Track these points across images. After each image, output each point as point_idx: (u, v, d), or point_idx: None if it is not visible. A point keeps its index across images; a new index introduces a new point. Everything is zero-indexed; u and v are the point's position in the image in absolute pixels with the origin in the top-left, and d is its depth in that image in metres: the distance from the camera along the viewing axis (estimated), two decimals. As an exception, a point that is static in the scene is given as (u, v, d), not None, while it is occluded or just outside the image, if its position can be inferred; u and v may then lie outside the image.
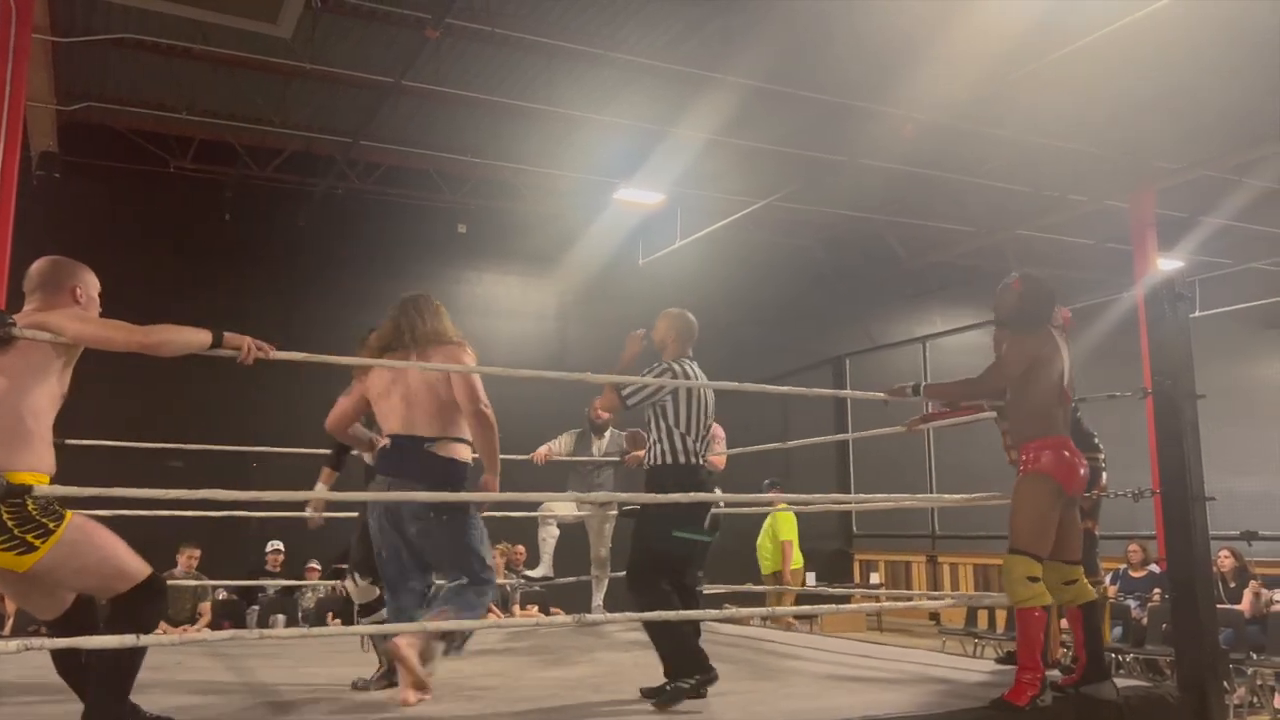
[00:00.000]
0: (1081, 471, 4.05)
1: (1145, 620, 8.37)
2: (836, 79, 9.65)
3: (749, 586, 9.80)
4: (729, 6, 8.52)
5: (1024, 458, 4.06)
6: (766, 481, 9.41)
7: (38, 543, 2.88)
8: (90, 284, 3.29)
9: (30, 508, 2.89)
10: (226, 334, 3.18)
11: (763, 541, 10.13)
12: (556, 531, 7.29)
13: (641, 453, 5.40)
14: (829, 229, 14.44)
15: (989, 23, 8.22)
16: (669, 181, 11.96)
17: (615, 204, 12.55)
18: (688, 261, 13.21)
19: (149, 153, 11.15)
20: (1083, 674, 4.10)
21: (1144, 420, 6.45)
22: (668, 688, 3.86)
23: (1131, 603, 8.68)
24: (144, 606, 3.02)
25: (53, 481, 3.00)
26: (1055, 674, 4.24)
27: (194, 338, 3.12)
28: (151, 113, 10.52)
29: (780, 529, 9.91)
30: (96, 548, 2.99)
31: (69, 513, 2.98)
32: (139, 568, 3.04)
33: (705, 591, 5.88)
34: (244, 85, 10.00)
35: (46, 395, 3.02)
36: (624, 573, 4.28)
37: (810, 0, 8.37)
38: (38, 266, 3.23)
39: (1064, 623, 4.24)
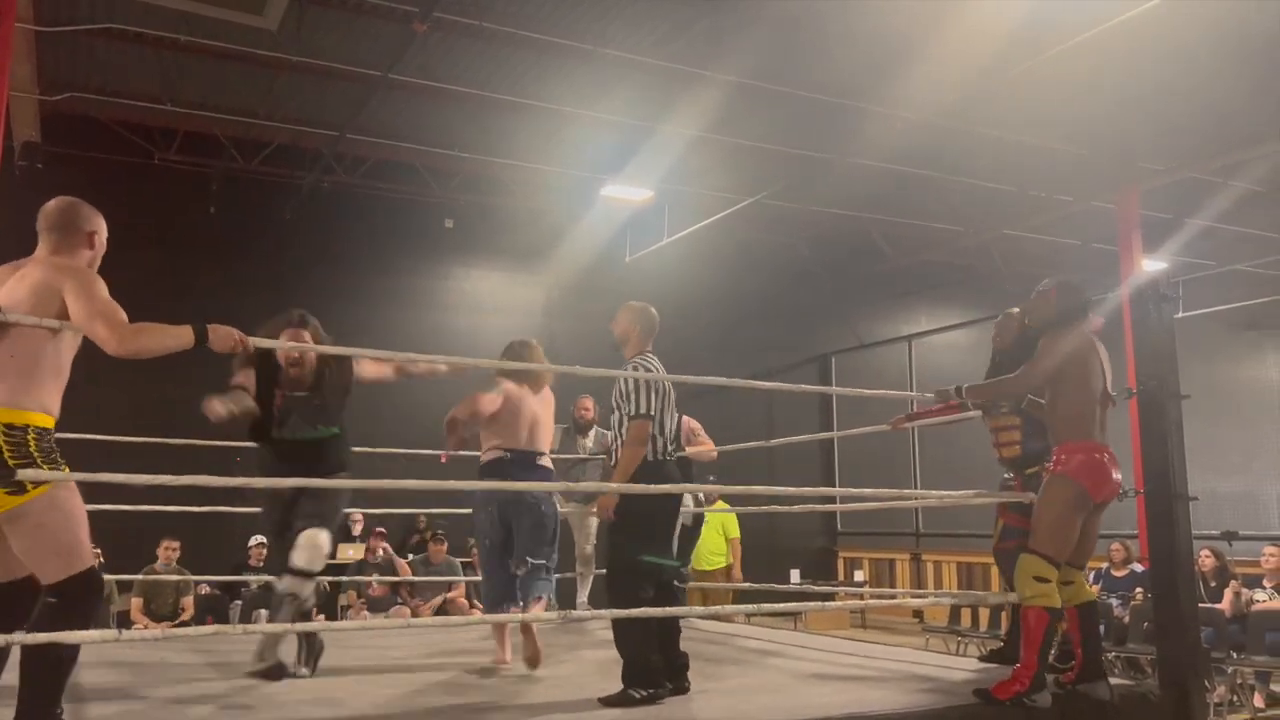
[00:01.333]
0: (1115, 476, 4.02)
1: (1127, 619, 8.41)
2: (824, 78, 9.65)
3: (733, 585, 9.82)
4: (717, 5, 8.50)
5: (1056, 459, 4.05)
6: (711, 478, 9.32)
7: (29, 485, 2.83)
8: (104, 230, 3.23)
9: (33, 449, 2.85)
10: (210, 327, 3.08)
11: (713, 537, 9.98)
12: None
13: None
14: (815, 227, 14.45)
15: (976, 23, 8.24)
16: (656, 178, 11.95)
17: (603, 200, 12.54)
18: (674, 258, 13.22)
19: (133, 144, 11.06)
20: (1080, 672, 4.12)
21: (1128, 420, 6.49)
22: (619, 692, 3.86)
23: (1114, 601, 8.72)
24: (88, 598, 2.94)
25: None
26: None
27: (175, 340, 3.01)
28: (136, 104, 10.42)
29: (729, 527, 9.88)
30: (68, 515, 2.94)
31: (65, 466, 2.93)
32: (88, 556, 2.98)
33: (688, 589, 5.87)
34: (230, 77, 9.93)
35: (62, 340, 2.98)
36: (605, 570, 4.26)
37: (798, 0, 8.37)
38: (55, 205, 3.15)
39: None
